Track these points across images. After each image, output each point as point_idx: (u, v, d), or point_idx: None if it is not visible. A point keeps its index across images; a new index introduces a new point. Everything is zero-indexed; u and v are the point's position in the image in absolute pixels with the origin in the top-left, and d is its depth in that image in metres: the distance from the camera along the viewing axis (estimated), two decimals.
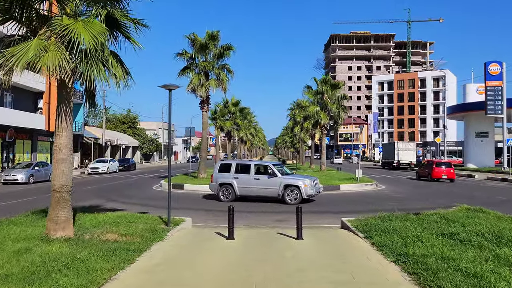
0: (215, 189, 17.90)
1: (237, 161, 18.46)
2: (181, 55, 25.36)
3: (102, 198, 19.25)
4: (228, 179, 17.52)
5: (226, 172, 17.71)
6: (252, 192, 17.32)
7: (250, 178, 17.28)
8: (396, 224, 9.28)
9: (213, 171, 18.27)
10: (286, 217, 13.39)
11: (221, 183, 17.65)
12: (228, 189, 17.57)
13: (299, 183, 16.79)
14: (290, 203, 16.42)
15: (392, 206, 16.45)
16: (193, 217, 13.43)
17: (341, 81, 35.46)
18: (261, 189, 17.14)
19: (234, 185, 17.36)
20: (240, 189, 17.37)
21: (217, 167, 18.33)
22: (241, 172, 17.53)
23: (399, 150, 55.62)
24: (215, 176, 17.94)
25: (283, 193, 16.82)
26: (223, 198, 17.51)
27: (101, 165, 41.60)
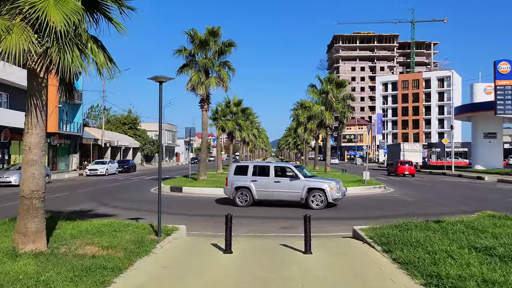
0: (230, 193, 16.49)
1: (255, 163, 17.07)
2: (180, 52, 24.25)
3: (95, 202, 18.16)
4: (245, 182, 16.14)
5: (242, 175, 16.36)
6: (272, 196, 16.00)
7: (270, 181, 15.97)
8: (418, 235, 8.12)
9: (228, 174, 16.88)
10: (292, 224, 12.25)
11: (238, 187, 16.26)
12: (245, 193, 16.18)
13: (324, 186, 15.55)
14: (314, 208, 15.25)
15: (405, 211, 15.33)
16: (191, 223, 12.33)
17: (346, 80, 34.26)
18: (282, 192, 15.86)
19: (252, 189, 16.01)
20: (259, 193, 16.02)
21: (232, 169, 16.93)
22: (259, 174, 16.20)
23: (405, 151, 54.58)
24: (231, 179, 16.54)
25: (307, 197, 15.54)
26: (240, 203, 16.17)
27: (99, 167, 40.55)
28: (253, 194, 16.05)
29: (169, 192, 22.46)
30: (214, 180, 25.17)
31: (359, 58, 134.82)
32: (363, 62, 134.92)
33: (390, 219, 13.15)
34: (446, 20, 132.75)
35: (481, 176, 36.65)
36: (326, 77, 32.93)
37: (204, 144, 25.84)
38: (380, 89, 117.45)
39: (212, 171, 40.17)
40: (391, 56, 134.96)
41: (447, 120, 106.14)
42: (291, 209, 15.53)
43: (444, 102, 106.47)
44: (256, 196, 16.04)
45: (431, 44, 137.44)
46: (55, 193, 22.49)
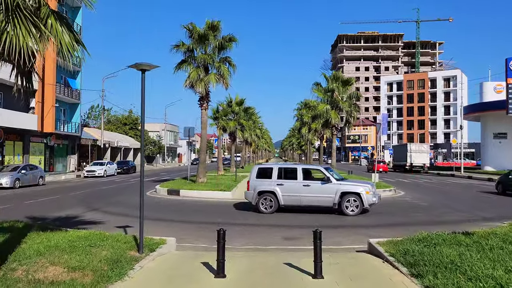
0: (252, 198, 14.94)
1: (280, 165, 15.52)
2: (178, 47, 22.92)
3: (85, 206, 16.88)
4: (270, 186, 14.69)
5: (266, 178, 14.91)
6: (300, 202, 14.54)
7: (298, 185, 14.51)
8: (449, 252, 6.78)
9: (249, 177, 15.32)
10: (298, 234, 10.91)
11: (261, 191, 14.76)
12: (269, 198, 14.70)
13: (360, 190, 14.22)
14: (349, 214, 13.98)
15: (420, 217, 13.98)
16: (184, 233, 11.05)
17: (352, 77, 32.86)
18: (312, 197, 14.41)
19: (277, 193, 14.56)
20: (285, 198, 14.54)
21: (254, 172, 15.34)
22: (285, 177, 14.77)
23: (412, 152, 52.95)
24: (253, 183, 15.01)
25: (340, 202, 14.20)
26: (264, 209, 14.68)
27: (97, 168, 39.31)
28: (278, 199, 14.59)
29: (165, 195, 21.17)
30: (214, 183, 23.85)
31: (363, 58, 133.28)
32: (367, 62, 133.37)
33: (406, 227, 11.85)
34: (452, 20, 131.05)
35: (492, 178, 35.16)
36: (331, 74, 31.52)
37: (203, 145, 24.51)
38: (385, 89, 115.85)
39: (213, 172, 38.87)
40: (395, 55, 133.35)
41: (453, 120, 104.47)
42: (320, 216, 14.15)
43: (450, 102, 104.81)
44: (282, 202, 14.59)
45: (436, 43, 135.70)
46: (46, 196, 21.26)
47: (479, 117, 50.21)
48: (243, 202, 17.87)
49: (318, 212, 14.69)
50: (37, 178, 28.86)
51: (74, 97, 44.27)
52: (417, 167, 50.79)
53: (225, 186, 21.70)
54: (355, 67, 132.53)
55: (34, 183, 28.33)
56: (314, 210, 14.79)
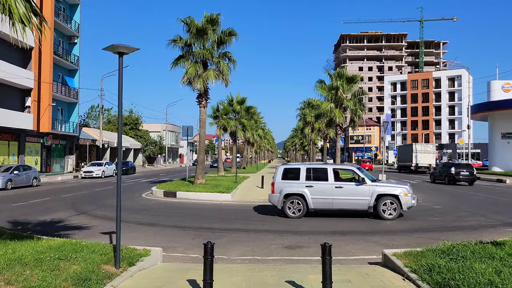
0: (277, 202, 13.69)
1: (308, 165, 14.08)
2: (175, 42, 21.85)
3: (74, 209, 15.82)
4: (298, 189, 13.46)
5: (293, 180, 13.68)
6: (331, 205, 13.39)
7: (330, 187, 13.33)
8: (483, 268, 5.68)
9: (274, 179, 13.98)
10: (299, 240, 9.81)
11: (288, 194, 13.55)
12: (297, 202, 13.45)
13: (398, 192, 13.16)
14: (386, 218, 12.96)
15: (438, 222, 12.83)
16: (175, 240, 9.97)
17: (358, 75, 31.69)
18: (344, 200, 13.28)
19: (306, 196, 13.37)
20: (315, 201, 13.39)
21: (279, 173, 13.99)
22: (315, 179, 13.56)
23: (417, 152, 51.77)
24: (278, 185, 13.73)
25: (376, 205, 13.14)
26: (291, 213, 13.47)
27: (95, 169, 38.26)
28: (308, 202, 13.40)
29: (162, 197, 20.11)
30: (213, 184, 22.77)
31: (366, 57, 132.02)
32: (370, 62, 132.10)
33: (424, 234, 10.73)
34: (456, 19, 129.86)
35: (501, 179, 34.01)
36: (336, 72, 30.32)
37: (202, 144, 23.43)
38: (389, 89, 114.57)
39: (213, 173, 37.81)
40: (399, 55, 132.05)
41: (458, 120, 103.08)
42: (353, 220, 13.11)
43: (455, 102, 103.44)
44: (311, 205, 13.42)
45: (440, 43, 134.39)
46: (37, 198, 20.23)
47: (487, 117, 48.88)
48: (263, 205, 16.94)
49: (348, 216, 13.67)
50: (31, 179, 27.85)
51: (72, 96, 43.28)
52: (423, 168, 49.61)
53: (224, 188, 20.62)
54: (358, 67, 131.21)
55: (27, 184, 27.33)
56: (345, 214, 13.76)
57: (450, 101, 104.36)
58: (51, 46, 37.39)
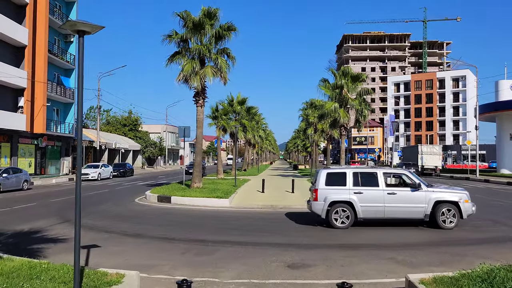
0: (322, 210, 12.19)
1: (354, 169, 12.71)
2: (170, 37, 20.59)
3: (58, 217, 14.56)
4: (345, 195, 12.08)
5: (338, 186, 12.23)
6: (383, 214, 12.04)
7: (381, 193, 11.99)
8: None
9: (316, 184, 12.42)
10: (303, 258, 8.50)
11: (334, 201, 12.11)
12: (344, 210, 12.04)
13: (457, 198, 11.97)
14: (446, 227, 11.74)
15: (459, 233, 11.46)
16: (161, 257, 8.67)
17: (363, 73, 30.41)
18: (398, 208, 11.97)
19: (355, 204, 11.99)
20: (365, 210, 12.00)
21: (321, 178, 12.41)
22: (363, 184, 12.18)
23: (423, 154, 50.47)
24: (322, 192, 12.24)
25: (433, 213, 11.89)
26: (338, 223, 12.02)
27: (91, 171, 37.05)
28: (356, 211, 12.01)
29: (155, 203, 18.84)
30: (211, 188, 21.48)
31: (369, 58, 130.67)
32: (373, 63, 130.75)
33: (447, 248, 9.29)
34: (459, 19, 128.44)
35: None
36: (340, 70, 29.05)
37: (199, 146, 22.15)
38: (392, 90, 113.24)
39: (213, 175, 36.57)
40: (402, 56, 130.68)
41: (463, 121, 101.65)
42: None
43: (459, 103, 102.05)
44: (360, 214, 12.04)
45: (443, 43, 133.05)
46: (23, 203, 18.99)
47: (494, 117, 47.58)
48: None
49: (398, 225, 12.40)
50: (21, 183, 26.63)
51: (68, 96, 42.10)
52: (429, 170, 48.28)
53: (223, 192, 19.34)
54: (361, 67, 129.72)
55: (17, 188, 26.11)
56: (395, 222, 12.51)
57: (455, 102, 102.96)
58: (45, 44, 36.21)
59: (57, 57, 39.77)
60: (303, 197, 19.45)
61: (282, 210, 16.35)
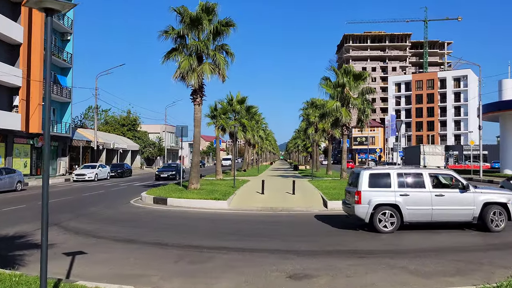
0: (365, 214, 11.32)
1: (398, 169, 11.85)
2: (167, 33, 19.88)
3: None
4: (391, 197, 11.27)
5: (382, 187, 11.43)
6: (430, 217, 11.32)
7: (429, 195, 11.27)
8: None
9: (359, 186, 11.53)
10: (305, 266, 7.77)
11: (379, 204, 11.29)
12: (390, 213, 11.25)
13: (506, 200, 11.42)
14: (494, 230, 11.17)
15: (467, 236, 10.78)
16: (152, 266, 7.95)
17: (366, 71, 29.67)
18: (445, 210, 11.30)
19: (401, 207, 11.20)
20: (412, 213, 11.24)
21: (364, 179, 11.54)
22: (409, 186, 11.43)
23: (425, 154, 49.88)
24: (366, 195, 11.39)
25: (482, 215, 11.31)
26: (384, 228, 11.22)
27: (88, 171, 36.32)
28: (403, 214, 11.24)
29: (151, 204, 18.13)
30: (209, 190, 20.75)
31: (370, 58, 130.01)
32: (374, 62, 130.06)
33: (461, 254, 8.43)
34: (461, 19, 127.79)
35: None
36: (342, 68, 28.30)
37: (196, 146, 21.44)
38: (393, 90, 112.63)
39: (212, 176, 35.90)
40: (403, 56, 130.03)
41: (464, 121, 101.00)
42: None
43: (461, 103, 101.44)
44: (406, 217, 11.27)
45: (444, 43, 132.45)
46: (12, 205, 18.29)
47: (497, 117, 46.78)
48: (261, 214, 15.21)
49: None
50: (15, 183, 25.94)
51: (65, 96, 41.43)
52: None
53: (221, 194, 18.61)
54: (361, 67, 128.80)
55: (11, 189, 25.43)
56: (439, 225, 11.87)
57: (456, 101, 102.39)
58: (41, 42, 35.51)
59: (54, 55, 39.07)
60: (304, 199, 18.76)
61: (283, 213, 15.65)
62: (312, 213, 15.52)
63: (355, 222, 12.25)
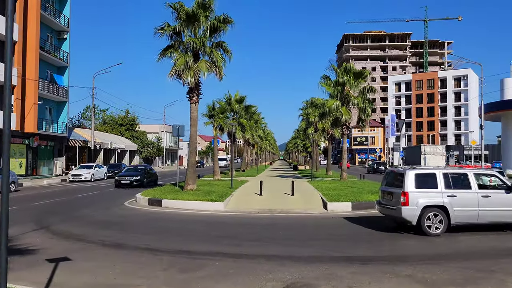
0: (413, 216, 10.78)
1: (444, 169, 11.44)
2: (162, 30, 19.33)
3: (35, 223, 13.29)
4: (439, 199, 10.83)
5: (428, 188, 10.97)
6: (477, 218, 10.94)
7: (475, 196, 10.92)
8: None
9: (405, 187, 10.96)
10: (303, 275, 7.21)
11: (427, 206, 10.81)
12: (437, 215, 10.79)
13: None
14: None
15: (473, 240, 10.25)
16: (139, 274, 7.38)
17: (366, 70, 29.14)
18: (493, 212, 10.96)
19: (449, 208, 10.76)
20: (459, 215, 10.82)
21: (410, 179, 11.03)
22: (455, 186, 11.00)
23: (426, 154, 49.49)
24: (414, 196, 10.86)
25: None
26: (432, 230, 10.75)
27: (84, 172, 35.74)
28: (450, 216, 10.79)
29: (146, 206, 17.59)
30: (205, 191, 20.19)
31: (370, 57, 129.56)
32: (374, 62, 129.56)
33: (469, 261, 7.81)
34: (461, 18, 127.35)
35: None
36: (342, 66, 27.76)
37: (193, 145, 20.87)
38: (393, 89, 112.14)
39: (210, 176, 35.41)
40: (403, 55, 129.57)
41: (464, 121, 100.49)
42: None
43: (461, 103, 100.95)
44: (453, 219, 10.84)
45: (445, 43, 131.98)
46: None
47: (499, 116, 46.19)
48: (258, 216, 14.73)
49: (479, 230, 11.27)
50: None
51: (61, 95, 40.89)
52: None
53: (217, 195, 18.06)
54: (361, 67, 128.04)
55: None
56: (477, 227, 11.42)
57: (456, 101, 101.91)
58: (36, 40, 35.00)
59: (50, 54, 38.56)
60: (303, 200, 18.21)
61: (281, 215, 15.11)
62: (312, 215, 15.02)
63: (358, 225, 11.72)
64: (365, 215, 14.70)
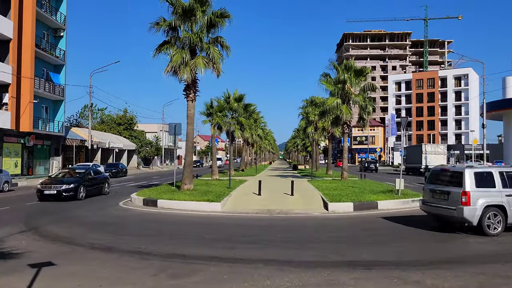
0: (474, 216, 10.44)
1: (500, 168, 11.26)
2: (158, 25, 18.77)
3: (25, 223, 12.77)
4: (498, 198, 10.59)
5: (488, 187, 10.68)
6: None
7: None
8: None
9: (464, 185, 10.61)
10: (304, 282, 6.69)
11: (488, 206, 10.52)
12: (496, 215, 10.54)
13: None
14: None
15: (483, 244, 9.68)
16: (128, 280, 6.86)
17: (367, 67, 28.60)
18: None
19: (507, 208, 10.55)
20: None
21: (469, 178, 10.66)
22: (511, 185, 10.75)
23: (427, 153, 48.80)
24: (475, 195, 10.53)
25: None
26: (492, 231, 10.47)
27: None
28: (508, 215, 10.57)
29: (141, 206, 17.05)
30: (202, 191, 19.65)
31: (370, 57, 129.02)
32: (374, 61, 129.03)
33: (483, 266, 7.24)
34: (461, 17, 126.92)
35: None
36: (343, 64, 27.20)
37: (189, 144, 20.33)
38: (393, 89, 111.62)
39: (208, 176, 34.89)
40: (403, 54, 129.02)
41: (465, 120, 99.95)
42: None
43: (462, 102, 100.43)
44: (510, 219, 10.62)
45: (445, 42, 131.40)
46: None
47: (501, 115, 45.71)
48: (257, 217, 14.24)
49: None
50: (1, 183, 24.90)
51: (58, 93, 40.29)
52: None
53: (215, 195, 17.52)
54: (361, 66, 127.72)
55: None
56: None
57: (457, 100, 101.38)
58: (32, 38, 34.41)
59: (46, 52, 37.97)
60: (303, 200, 17.68)
61: (280, 216, 14.59)
62: (312, 216, 14.50)
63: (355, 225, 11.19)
64: (367, 216, 14.18)
